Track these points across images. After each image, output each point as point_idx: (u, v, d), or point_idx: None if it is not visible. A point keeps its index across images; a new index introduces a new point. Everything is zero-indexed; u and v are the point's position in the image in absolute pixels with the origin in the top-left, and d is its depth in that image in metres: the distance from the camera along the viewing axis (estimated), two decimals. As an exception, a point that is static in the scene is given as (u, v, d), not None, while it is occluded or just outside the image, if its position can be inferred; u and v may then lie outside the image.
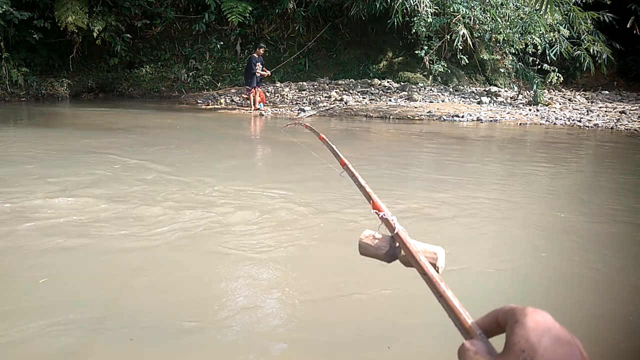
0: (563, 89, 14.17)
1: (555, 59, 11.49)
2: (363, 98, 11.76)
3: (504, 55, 12.24)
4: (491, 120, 9.43)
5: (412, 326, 2.01)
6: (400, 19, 11.34)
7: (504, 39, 11.49)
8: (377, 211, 0.67)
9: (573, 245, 2.87)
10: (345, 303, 2.18)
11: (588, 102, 11.88)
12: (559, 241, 2.96)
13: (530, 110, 10.54)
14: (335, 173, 1.02)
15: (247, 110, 10.79)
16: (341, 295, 2.23)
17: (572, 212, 3.47)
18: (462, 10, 10.93)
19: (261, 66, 10.36)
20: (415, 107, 10.64)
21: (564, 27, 11.19)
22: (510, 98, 12.15)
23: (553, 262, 2.66)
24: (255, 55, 10.22)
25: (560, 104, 11.40)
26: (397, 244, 0.62)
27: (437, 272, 0.56)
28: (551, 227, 3.18)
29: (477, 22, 11.40)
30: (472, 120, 9.50)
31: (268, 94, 12.12)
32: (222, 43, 14.74)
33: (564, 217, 3.36)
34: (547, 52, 11.36)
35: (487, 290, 2.32)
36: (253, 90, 10.45)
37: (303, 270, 2.48)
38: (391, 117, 9.83)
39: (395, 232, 0.62)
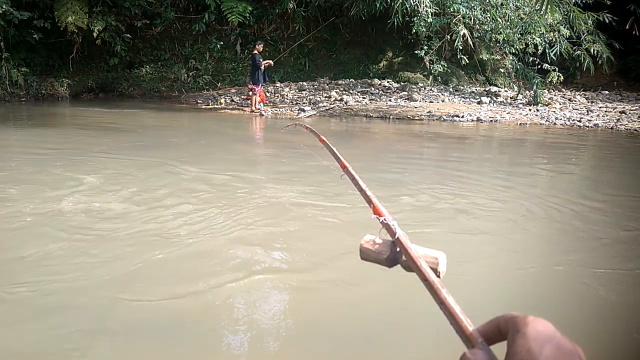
0: (563, 89, 14.16)
1: (555, 59, 11.48)
2: (363, 98, 11.76)
3: (504, 55, 12.22)
4: (491, 120, 9.42)
5: (412, 327, 2.00)
6: (400, 19, 11.33)
7: (504, 39, 11.48)
8: (377, 216, 0.66)
9: (576, 248, 2.86)
10: (344, 304, 2.18)
11: (588, 102, 11.87)
12: (561, 245, 2.96)
13: (530, 110, 10.53)
14: (336, 174, 1.01)
15: (247, 110, 10.79)
16: (340, 296, 2.23)
17: (573, 214, 3.46)
18: (462, 11, 10.92)
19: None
20: (415, 107, 10.64)
21: (564, 27, 11.18)
22: (510, 98, 12.15)
23: (556, 267, 2.65)
24: (256, 52, 10.24)
25: (560, 104, 11.40)
26: (398, 249, 0.62)
27: (439, 277, 0.56)
28: (553, 230, 3.18)
29: (477, 22, 11.39)
30: (472, 120, 9.50)
31: (268, 94, 12.12)
32: (222, 43, 14.73)
33: (565, 220, 3.36)
34: (547, 52, 11.35)
35: (489, 296, 2.31)
36: (260, 89, 10.44)
37: (303, 270, 2.47)
38: (391, 117, 9.83)
39: (396, 237, 0.61)
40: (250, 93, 10.49)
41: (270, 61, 10.80)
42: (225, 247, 2.71)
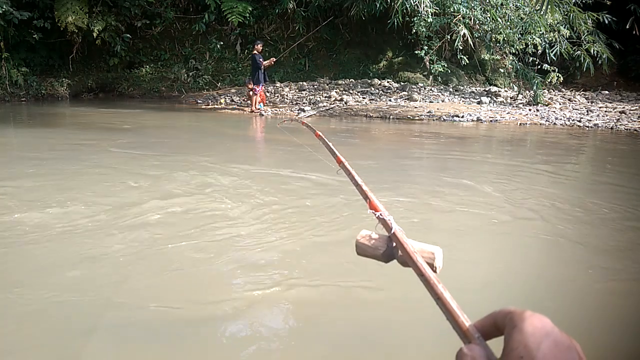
0: (563, 89, 14.16)
1: (555, 59, 11.48)
2: (363, 98, 11.76)
3: (504, 55, 12.22)
4: (491, 120, 9.42)
5: (411, 326, 2.00)
6: (400, 19, 11.33)
7: (504, 39, 11.48)
8: (373, 211, 0.65)
9: (574, 247, 2.86)
10: (343, 303, 2.17)
11: (588, 102, 11.87)
12: (559, 242, 2.95)
13: (530, 110, 10.52)
14: (333, 171, 1.01)
15: (247, 110, 10.79)
16: (339, 295, 2.22)
17: (573, 213, 3.45)
18: (462, 11, 10.92)
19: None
20: (415, 107, 10.63)
21: (564, 27, 11.19)
22: (510, 98, 12.14)
23: (554, 263, 2.65)
24: (256, 52, 10.25)
25: (560, 104, 11.39)
26: (395, 244, 0.61)
27: (435, 272, 0.55)
28: (552, 228, 3.17)
29: (477, 22, 11.39)
30: (472, 120, 9.49)
31: (268, 94, 12.12)
32: (222, 43, 14.74)
33: (565, 218, 3.35)
34: (547, 52, 11.35)
35: (486, 291, 2.31)
36: (261, 89, 10.44)
37: (301, 269, 2.47)
38: (391, 117, 9.83)
39: (392, 232, 0.61)
40: (251, 93, 10.49)
41: (273, 59, 10.81)
42: (217, 244, 2.71)
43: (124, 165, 4.75)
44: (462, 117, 9.64)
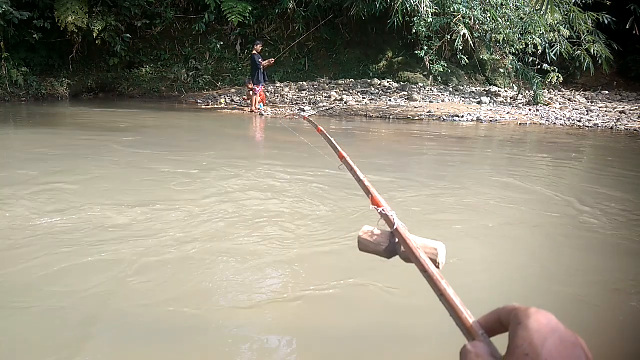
0: (563, 89, 14.15)
1: (555, 59, 11.47)
2: (363, 98, 11.75)
3: (504, 56, 12.21)
4: (491, 120, 9.41)
5: (412, 324, 1.99)
6: (400, 19, 11.33)
7: (504, 39, 11.48)
8: (376, 207, 0.65)
9: (574, 245, 2.86)
10: (344, 301, 2.16)
11: (588, 102, 11.86)
12: (561, 240, 2.95)
13: (530, 110, 10.52)
14: (335, 167, 1.00)
15: (247, 110, 10.79)
16: (340, 294, 2.22)
17: (573, 212, 3.45)
18: (462, 11, 10.91)
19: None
20: (415, 107, 10.63)
21: (564, 27, 11.18)
22: (510, 98, 12.14)
23: (555, 261, 2.65)
24: (255, 52, 10.25)
25: (560, 104, 11.39)
26: (397, 240, 0.60)
27: (438, 268, 0.55)
28: (553, 226, 3.17)
29: (477, 22, 11.38)
30: (472, 120, 9.49)
31: (268, 94, 12.11)
32: (222, 43, 14.73)
33: (565, 216, 3.35)
34: (547, 52, 11.34)
35: (489, 288, 2.31)
36: (261, 89, 10.43)
37: (302, 268, 2.46)
38: (391, 117, 9.82)
39: (395, 227, 0.60)
40: (251, 93, 10.49)
41: (272, 59, 10.81)
42: (217, 244, 2.70)
43: (128, 166, 4.75)
44: (462, 117, 9.63)
